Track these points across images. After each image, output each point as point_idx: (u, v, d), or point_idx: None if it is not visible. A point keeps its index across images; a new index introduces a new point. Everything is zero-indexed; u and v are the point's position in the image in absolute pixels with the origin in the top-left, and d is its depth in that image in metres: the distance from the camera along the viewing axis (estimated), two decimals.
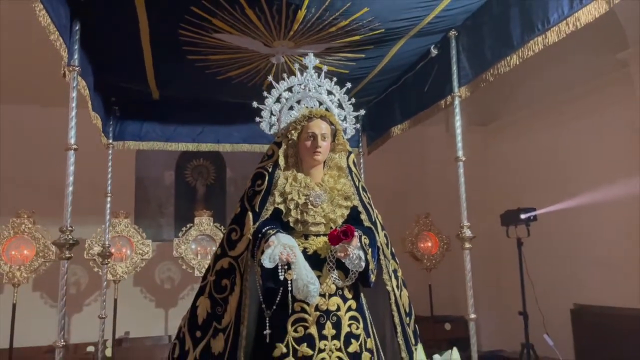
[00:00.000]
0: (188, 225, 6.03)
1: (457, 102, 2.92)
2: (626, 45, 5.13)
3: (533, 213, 6.00)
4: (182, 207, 8.09)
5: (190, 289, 7.52)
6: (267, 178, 2.16)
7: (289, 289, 1.88)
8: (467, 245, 2.81)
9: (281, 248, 1.87)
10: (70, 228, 2.34)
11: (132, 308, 6.66)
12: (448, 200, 7.66)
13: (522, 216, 5.97)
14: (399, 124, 3.66)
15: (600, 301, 6.02)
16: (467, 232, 2.81)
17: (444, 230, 7.04)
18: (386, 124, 3.74)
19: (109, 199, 3.83)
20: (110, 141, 3.86)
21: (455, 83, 2.92)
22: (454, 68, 2.93)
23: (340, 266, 2.03)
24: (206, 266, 5.91)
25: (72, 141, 2.39)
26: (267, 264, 1.84)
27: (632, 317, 5.59)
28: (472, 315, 2.75)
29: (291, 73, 3.11)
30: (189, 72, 3.17)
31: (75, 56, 2.44)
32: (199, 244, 5.87)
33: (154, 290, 7.39)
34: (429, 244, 6.74)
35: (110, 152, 3.88)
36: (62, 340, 2.28)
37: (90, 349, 6.45)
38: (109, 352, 6.14)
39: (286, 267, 1.88)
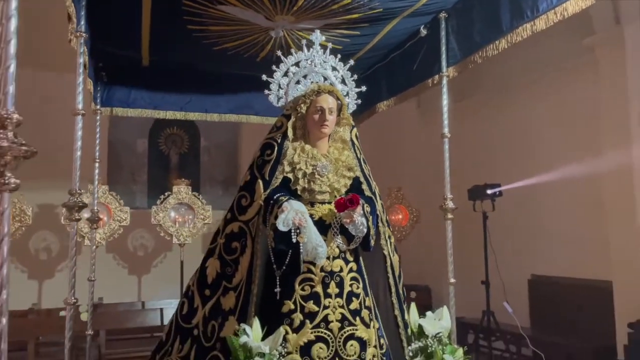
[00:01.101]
0: (166, 194, 6.08)
1: (444, 81, 3.09)
2: (592, 32, 5.42)
3: (499, 189, 6.33)
4: (155, 175, 8.10)
5: (163, 257, 7.60)
6: (276, 148, 2.29)
7: (300, 251, 2.04)
8: (450, 215, 3.03)
9: (294, 213, 2.03)
10: (79, 191, 2.42)
11: (105, 274, 6.65)
12: (419, 174, 7.98)
13: (489, 191, 6.29)
14: (384, 100, 3.82)
15: (555, 272, 6.45)
16: (450, 204, 3.02)
17: (413, 204, 7.33)
18: (372, 100, 3.87)
19: (97, 164, 3.86)
20: (98, 107, 3.87)
21: (443, 63, 3.08)
22: (443, 49, 3.07)
23: (343, 231, 2.20)
24: (185, 234, 5.99)
25: (80, 106, 2.44)
26: (282, 227, 1.99)
27: (584, 287, 6.04)
28: (452, 280, 2.99)
29: (288, 47, 3.22)
30: (185, 41, 3.21)
31: (82, 22, 2.46)
32: (176, 212, 5.94)
33: (126, 257, 7.43)
34: (400, 216, 7.01)
35: (98, 117, 3.89)
36: (73, 298, 2.38)
37: (63, 313, 6.46)
38: (84, 317, 6.19)
39: (298, 231, 2.04)
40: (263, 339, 1.98)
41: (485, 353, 6.26)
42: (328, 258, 2.15)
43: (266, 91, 2.43)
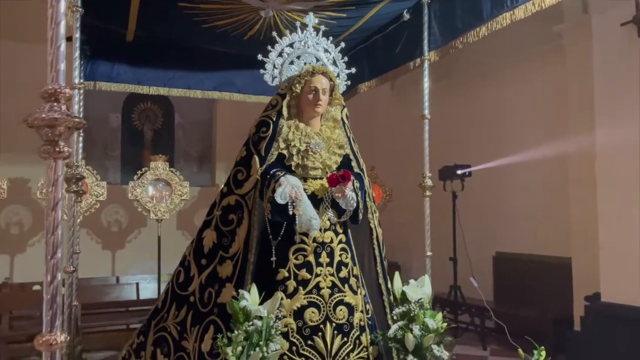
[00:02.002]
0: (143, 169, 6.09)
1: (426, 64, 3.24)
2: (562, 19, 5.65)
3: (468, 169, 6.60)
4: (128, 151, 8.04)
5: (138, 233, 7.61)
6: (271, 126, 2.40)
7: (295, 222, 2.18)
8: (428, 193, 3.21)
9: (290, 187, 2.16)
10: (77, 164, 2.48)
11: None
12: (392, 154, 8.18)
13: (458, 172, 6.56)
14: (366, 81, 3.95)
15: (519, 249, 6.80)
16: (429, 182, 3.20)
17: (387, 183, 7.55)
18: (353, 81, 4.00)
19: (80, 138, 3.87)
20: (81, 81, 3.86)
21: (425, 47, 3.22)
22: (425, 33, 3.22)
23: (334, 205, 2.35)
24: (162, 209, 6.02)
25: (77, 81, 2.48)
26: (280, 200, 2.12)
27: (545, 263, 6.40)
28: (429, 253, 3.17)
29: (277, 27, 3.30)
30: (174, 17, 3.25)
31: None
32: (154, 187, 5.96)
33: (100, 232, 7.41)
34: (373, 195, 7.20)
35: (81, 92, 3.89)
36: (72, 267, 2.46)
37: (37, 287, 6.46)
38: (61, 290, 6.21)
39: (294, 204, 2.17)
40: (260, 304, 2.11)
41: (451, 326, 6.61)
42: (320, 230, 2.29)
43: (261, 70, 2.52)
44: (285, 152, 2.35)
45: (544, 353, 2.57)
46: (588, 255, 5.26)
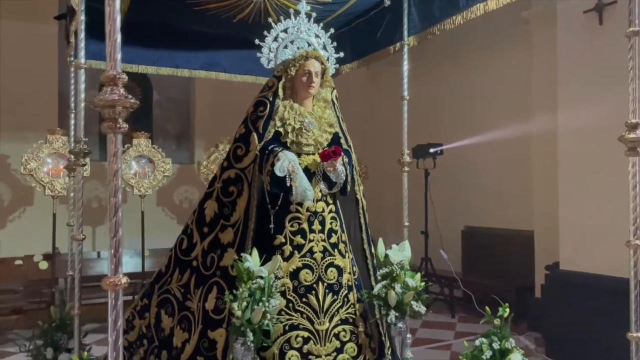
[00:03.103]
0: (126, 146, 6.19)
1: (405, 49, 3.48)
2: (530, 6, 5.96)
3: (440, 148, 6.92)
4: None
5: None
6: (268, 106, 2.62)
7: (292, 193, 2.43)
8: (406, 168, 3.48)
9: (287, 162, 2.40)
10: (84, 139, 2.65)
11: (59, 225, 6.68)
12: (366, 132, 8.44)
13: (431, 150, 6.88)
14: (348, 63, 4.17)
15: (485, 223, 7.21)
16: (407, 159, 3.48)
17: (362, 160, 7.83)
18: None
19: (72, 114, 4.00)
20: (72, 59, 3.97)
21: (405, 32, 3.46)
22: (405, 19, 3.45)
23: (325, 178, 2.60)
24: (145, 185, 6.15)
25: (82, 61, 2.63)
26: (279, 173, 2.37)
27: (509, 236, 6.83)
28: (406, 223, 3.46)
29: (266, 11, 3.48)
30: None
31: None
32: (137, 164, 6.08)
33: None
34: None
35: (72, 69, 4.00)
36: (82, 235, 2.65)
37: (19, 262, 6.55)
38: (43, 265, 6.31)
39: (290, 177, 2.41)
40: (260, 266, 2.36)
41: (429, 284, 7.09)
42: (312, 200, 2.55)
43: (258, 54, 2.72)
44: (281, 129, 2.59)
45: (507, 310, 2.90)
46: (549, 228, 5.66)
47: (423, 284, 2.63)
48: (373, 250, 2.84)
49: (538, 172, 5.95)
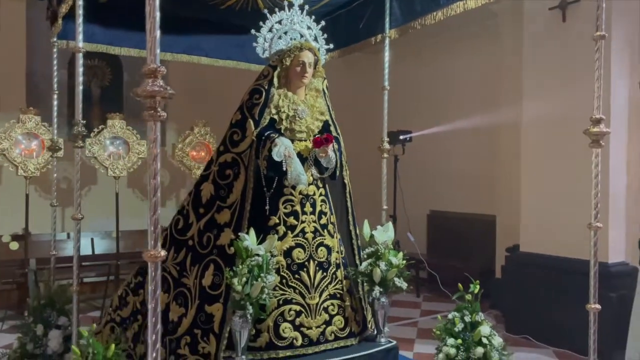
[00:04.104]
0: (100, 127, 6.16)
1: (387, 41, 3.66)
2: None
3: (409, 135, 7.17)
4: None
5: (87, 190, 7.65)
6: (264, 94, 2.76)
7: (288, 177, 2.58)
8: (385, 155, 3.68)
9: (284, 147, 2.55)
10: (82, 122, 2.72)
11: (32, 205, 6.63)
12: (342, 120, 8.59)
13: (401, 137, 7.12)
14: (330, 52, 4.30)
15: (450, 208, 7.55)
16: (387, 145, 3.68)
17: None
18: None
19: (55, 96, 4.02)
20: (55, 40, 3.97)
21: (387, 25, 3.63)
22: (387, 12, 3.62)
23: (315, 164, 2.77)
24: (120, 167, 6.15)
25: (81, 45, 2.70)
26: (277, 158, 2.53)
27: (473, 220, 7.18)
28: (385, 207, 3.66)
29: (255, 1, 3.58)
30: None
31: None
32: (112, 145, 6.07)
33: (49, 189, 7.40)
34: None
35: (55, 50, 4.01)
36: (80, 215, 2.73)
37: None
38: (14, 246, 6.26)
39: (286, 161, 2.57)
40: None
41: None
42: (305, 184, 2.72)
43: (254, 44, 2.85)
44: (276, 117, 2.73)
45: (478, 286, 3.16)
46: (510, 213, 6.02)
47: (405, 262, 2.86)
48: (358, 231, 3.04)
49: (502, 160, 6.29)
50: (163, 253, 1.42)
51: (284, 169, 2.57)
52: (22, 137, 5.61)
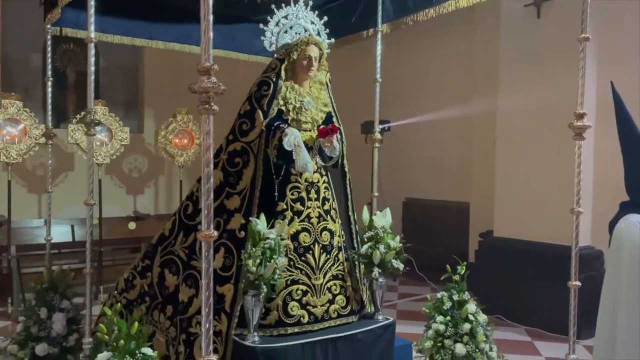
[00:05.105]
0: (82, 113, 6.12)
1: (379, 35, 3.82)
2: None
3: (388, 125, 7.38)
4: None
5: (64, 176, 7.59)
6: (272, 86, 2.89)
7: (296, 165, 2.74)
8: (377, 145, 3.87)
9: (293, 137, 2.70)
10: (93, 110, 2.79)
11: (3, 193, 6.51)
12: None
13: (379, 127, 7.30)
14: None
15: (425, 196, 7.83)
16: (378, 135, 3.86)
17: None
18: None
19: (49, 82, 4.03)
20: (49, 26, 3.98)
21: (379, 20, 3.79)
22: (380, 7, 3.78)
23: (319, 152, 2.94)
24: (103, 153, 6.14)
25: (92, 35, 2.76)
26: (287, 147, 2.67)
27: (447, 207, 7.47)
28: (376, 194, 3.86)
29: None
30: None
31: None
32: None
33: (25, 176, 7.31)
34: None
35: (49, 37, 4.01)
36: (92, 200, 2.82)
37: None
38: None
39: (295, 150, 2.72)
40: None
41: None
42: (311, 172, 2.88)
43: (262, 37, 2.98)
44: (283, 108, 2.88)
45: (465, 267, 3.41)
46: (483, 200, 6.33)
47: (401, 244, 3.06)
48: (355, 217, 3.23)
49: (477, 150, 6.58)
50: (215, 234, 1.56)
51: (294, 157, 2.72)
52: (4, 123, 5.54)
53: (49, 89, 4.06)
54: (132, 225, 6.69)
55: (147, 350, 2.25)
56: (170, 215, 3.08)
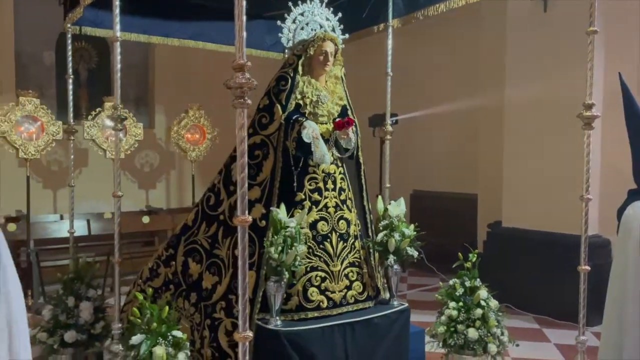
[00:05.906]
0: (97, 110, 6.26)
1: (390, 30, 3.92)
2: None
3: (395, 118, 7.46)
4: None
5: (79, 172, 7.73)
6: (289, 81, 3.00)
7: (315, 157, 2.85)
8: (388, 137, 3.97)
9: (312, 130, 2.82)
10: (121, 106, 2.92)
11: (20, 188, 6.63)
12: None
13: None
14: None
15: (433, 188, 7.92)
16: (389, 128, 3.97)
17: None
18: None
19: (70, 80, 4.15)
20: (69, 25, 4.09)
21: (390, 15, 3.89)
22: (390, 3, 3.88)
23: (335, 144, 3.05)
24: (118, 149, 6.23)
25: (118, 35, 2.89)
26: (306, 139, 2.79)
27: (455, 199, 7.57)
28: (387, 185, 3.97)
29: None
30: None
31: None
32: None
33: (41, 171, 7.45)
34: None
35: (69, 35, 4.13)
36: (120, 192, 2.95)
37: None
38: (12, 227, 6.33)
39: (313, 143, 2.84)
40: None
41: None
42: (328, 163, 3.00)
43: (279, 34, 3.09)
44: (301, 102, 2.99)
45: (476, 255, 3.52)
46: (491, 191, 6.43)
47: (416, 233, 3.18)
48: (370, 207, 3.35)
49: (484, 141, 6.67)
50: (250, 219, 1.67)
51: (312, 149, 2.84)
52: (22, 120, 5.67)
53: (70, 87, 4.18)
54: (145, 219, 6.82)
55: (177, 333, 2.38)
56: (185, 208, 3.20)
